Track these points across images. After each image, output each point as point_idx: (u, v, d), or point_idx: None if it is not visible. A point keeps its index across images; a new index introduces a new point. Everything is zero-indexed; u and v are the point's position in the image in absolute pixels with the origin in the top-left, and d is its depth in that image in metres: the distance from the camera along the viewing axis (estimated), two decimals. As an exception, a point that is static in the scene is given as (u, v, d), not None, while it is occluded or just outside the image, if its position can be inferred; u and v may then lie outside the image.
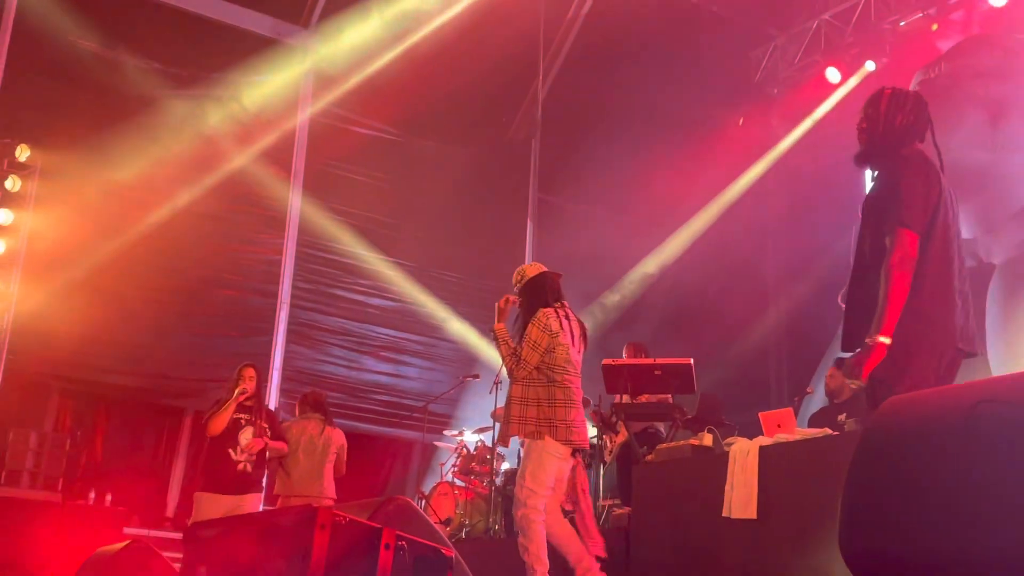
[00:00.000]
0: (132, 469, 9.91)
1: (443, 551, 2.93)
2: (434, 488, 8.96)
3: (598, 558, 5.58)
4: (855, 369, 3.94)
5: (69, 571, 6.40)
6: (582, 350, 5.88)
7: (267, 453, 7.27)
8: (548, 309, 5.67)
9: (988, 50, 9.97)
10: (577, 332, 5.82)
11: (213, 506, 6.83)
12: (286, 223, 11.08)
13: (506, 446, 6.23)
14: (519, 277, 5.90)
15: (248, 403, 7.17)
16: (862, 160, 4.40)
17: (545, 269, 5.94)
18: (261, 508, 7.39)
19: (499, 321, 5.80)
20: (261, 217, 10.95)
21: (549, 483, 5.43)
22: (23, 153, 9.14)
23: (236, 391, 7.06)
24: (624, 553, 6.15)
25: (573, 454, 5.64)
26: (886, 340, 3.81)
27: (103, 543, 8.24)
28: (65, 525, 8.78)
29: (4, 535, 8.56)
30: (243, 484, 7.03)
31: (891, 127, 4.19)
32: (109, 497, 9.31)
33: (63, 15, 9.76)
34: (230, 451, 6.99)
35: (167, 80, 10.34)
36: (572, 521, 5.67)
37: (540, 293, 5.79)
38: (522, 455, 5.64)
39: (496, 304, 5.85)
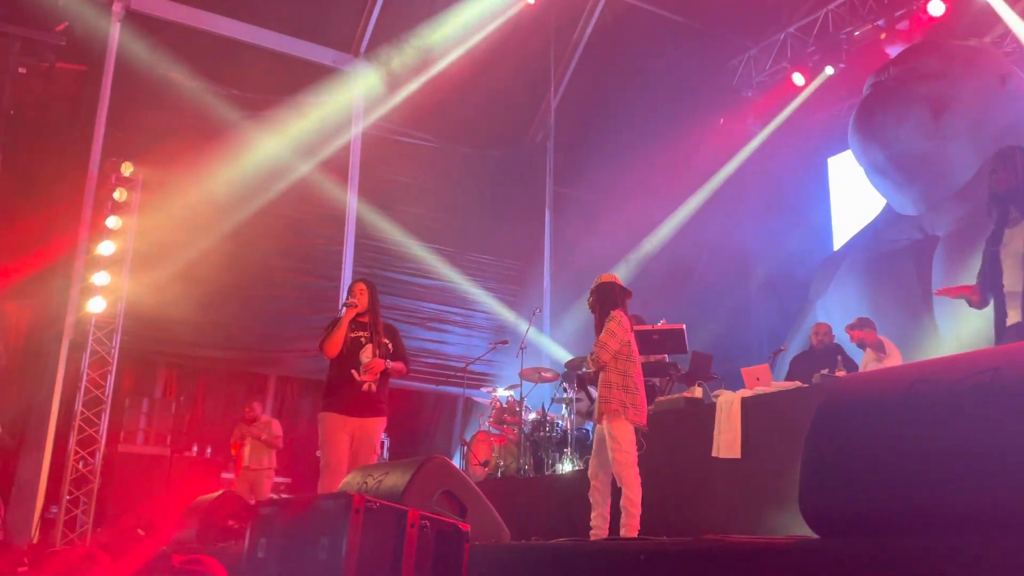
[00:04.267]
0: (226, 426, 10.04)
1: (460, 526, 2.82)
2: (474, 436, 8.96)
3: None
4: None
5: (177, 512, 6.49)
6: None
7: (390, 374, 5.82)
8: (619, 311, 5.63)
9: (929, 54, 9.79)
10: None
11: (337, 426, 5.60)
12: (345, 219, 11.07)
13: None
14: (596, 282, 5.77)
15: (363, 319, 5.79)
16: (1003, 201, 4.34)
17: (616, 279, 5.83)
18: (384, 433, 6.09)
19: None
20: (324, 215, 10.93)
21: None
22: (127, 169, 9.20)
23: (345, 306, 5.77)
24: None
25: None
26: None
27: (204, 487, 8.37)
28: (173, 473, 8.93)
29: (124, 483, 8.71)
30: (368, 406, 5.65)
31: None
32: (209, 449, 9.43)
33: (156, 53, 9.79)
34: (353, 371, 5.63)
35: (245, 104, 10.35)
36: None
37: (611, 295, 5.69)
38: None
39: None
